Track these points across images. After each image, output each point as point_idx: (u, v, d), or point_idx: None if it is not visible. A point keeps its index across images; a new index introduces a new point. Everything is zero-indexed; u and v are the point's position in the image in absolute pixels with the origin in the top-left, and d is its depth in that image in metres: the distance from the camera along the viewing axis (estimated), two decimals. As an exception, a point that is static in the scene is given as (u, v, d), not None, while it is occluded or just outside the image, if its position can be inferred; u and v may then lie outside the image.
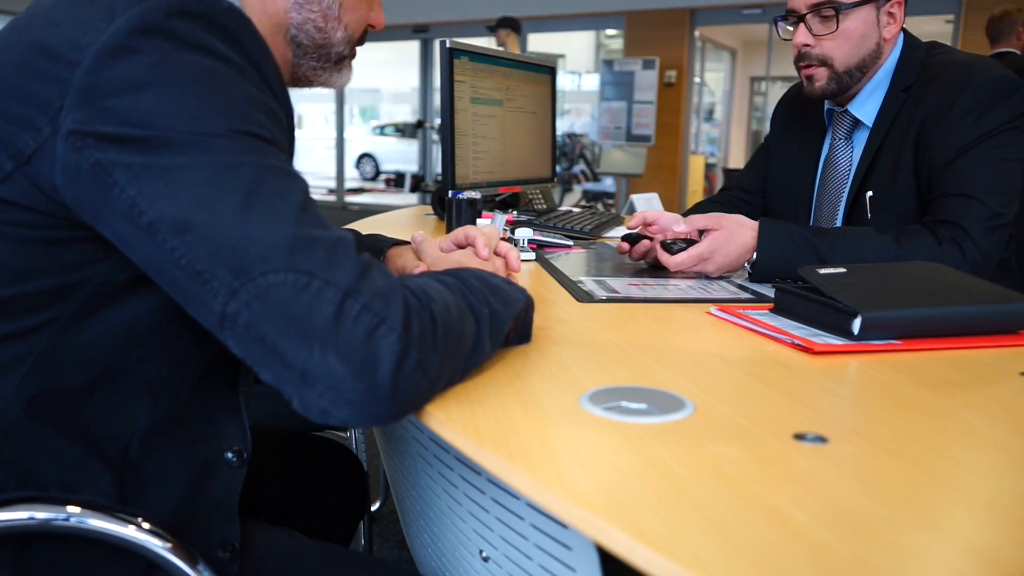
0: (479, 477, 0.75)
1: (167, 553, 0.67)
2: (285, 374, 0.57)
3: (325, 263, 0.58)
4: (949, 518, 0.47)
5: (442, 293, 0.66)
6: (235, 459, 0.76)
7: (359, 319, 0.57)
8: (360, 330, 0.57)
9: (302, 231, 0.59)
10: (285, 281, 0.56)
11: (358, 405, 0.57)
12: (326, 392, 0.57)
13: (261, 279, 0.56)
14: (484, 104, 1.77)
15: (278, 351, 0.57)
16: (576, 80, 12.61)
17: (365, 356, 0.56)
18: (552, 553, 0.66)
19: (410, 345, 0.58)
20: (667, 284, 1.19)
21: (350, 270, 0.59)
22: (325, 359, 0.56)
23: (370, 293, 0.58)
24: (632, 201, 2.35)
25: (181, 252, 0.58)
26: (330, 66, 0.87)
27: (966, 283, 0.97)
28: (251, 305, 0.57)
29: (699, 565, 0.41)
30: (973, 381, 0.75)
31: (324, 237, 0.60)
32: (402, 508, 1.12)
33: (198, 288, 0.58)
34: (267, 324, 0.56)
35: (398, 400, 0.58)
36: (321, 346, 0.56)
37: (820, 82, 1.43)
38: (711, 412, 0.64)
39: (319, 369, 0.56)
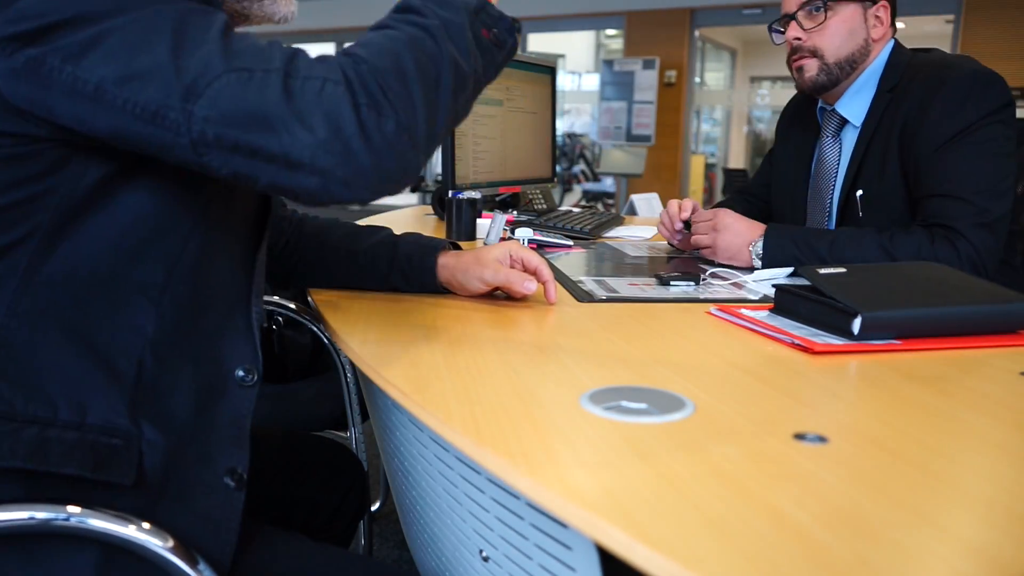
0: (479, 476, 0.75)
1: (167, 553, 0.67)
2: (274, 168, 0.62)
3: (258, 57, 0.63)
4: (949, 518, 0.47)
5: (375, 37, 0.69)
6: (247, 377, 0.78)
7: (305, 88, 0.62)
8: (309, 96, 0.62)
9: (231, 44, 0.63)
10: (229, 81, 0.61)
11: (343, 165, 0.62)
12: (312, 165, 0.62)
13: (207, 90, 0.61)
14: (484, 104, 1.76)
15: (254, 149, 0.62)
16: (576, 80, 12.60)
17: (324, 115, 0.61)
18: (552, 553, 0.66)
19: (355, 92, 0.62)
20: (667, 284, 1.19)
21: (281, 56, 0.64)
22: (293, 135, 0.61)
23: (305, 65, 0.64)
24: (632, 201, 2.35)
25: (133, 101, 0.61)
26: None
27: (966, 283, 0.97)
28: (209, 118, 0.61)
29: (699, 565, 0.41)
30: (973, 381, 0.75)
31: (252, 43, 0.65)
32: (402, 508, 1.12)
33: (161, 130, 0.62)
34: (232, 128, 0.61)
35: (374, 143, 0.63)
36: (284, 125, 0.61)
37: (810, 72, 1.47)
38: (711, 412, 0.64)
39: (295, 147, 0.61)
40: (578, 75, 12.57)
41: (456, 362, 0.76)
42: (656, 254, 1.53)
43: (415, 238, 1.09)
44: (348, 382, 1.51)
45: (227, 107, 0.61)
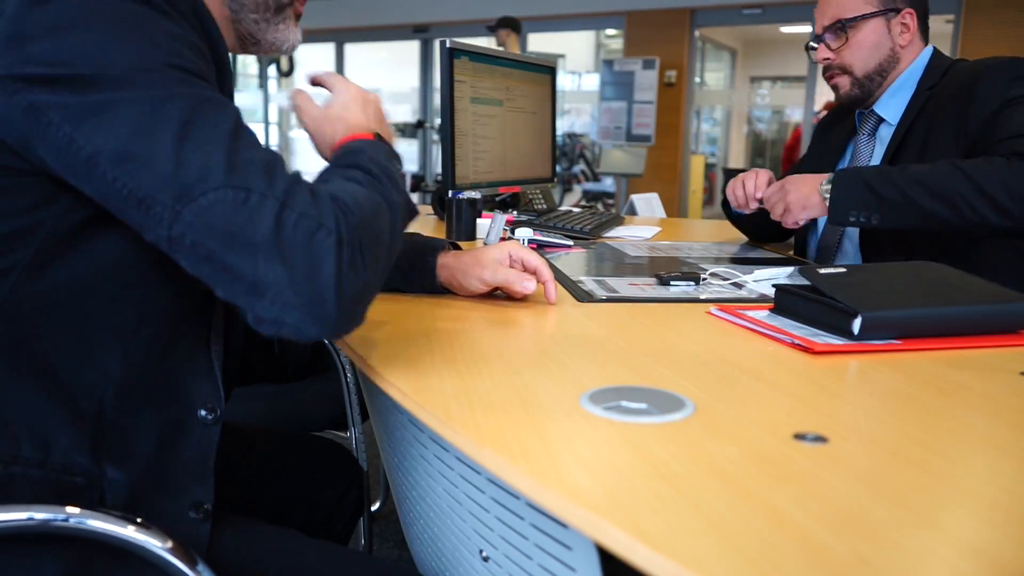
0: (479, 476, 0.75)
1: (167, 554, 0.67)
2: (236, 288, 0.61)
3: (260, 178, 0.61)
4: (949, 518, 0.47)
5: (357, 193, 0.69)
6: (208, 416, 0.77)
7: (298, 226, 0.61)
8: (300, 235, 0.60)
9: (237, 153, 0.62)
10: (224, 198, 0.60)
11: (307, 309, 0.61)
12: (276, 299, 0.60)
13: (201, 198, 0.59)
14: (484, 104, 1.76)
15: (226, 266, 0.60)
16: (576, 80, 12.60)
17: (308, 258, 0.60)
18: (552, 553, 0.66)
19: (343, 246, 0.62)
20: (667, 284, 1.19)
21: (284, 183, 0.62)
22: (270, 267, 0.60)
23: (305, 202, 0.62)
24: (632, 201, 2.35)
25: (123, 182, 0.60)
26: (271, 16, 0.85)
27: (966, 283, 0.97)
28: (194, 225, 0.60)
29: (699, 565, 0.41)
30: (973, 381, 0.75)
31: (258, 157, 0.63)
32: (402, 508, 1.12)
33: (144, 216, 0.61)
34: (211, 241, 0.60)
35: (342, 299, 0.62)
36: (265, 255, 0.60)
37: (844, 88, 1.57)
38: (711, 412, 0.64)
39: (267, 277, 0.60)
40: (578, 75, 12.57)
41: (456, 362, 0.76)
42: (656, 254, 1.53)
43: (415, 238, 1.09)
44: (348, 382, 1.51)
45: (215, 221, 0.59)
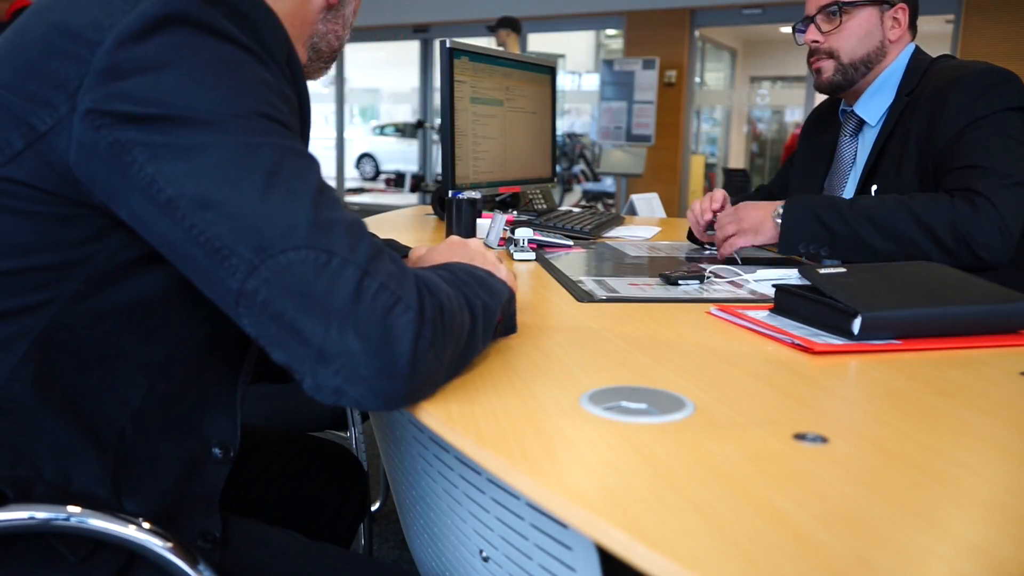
0: (479, 477, 0.75)
1: (168, 553, 0.67)
2: (301, 352, 0.58)
3: (344, 242, 0.59)
4: (949, 518, 0.47)
5: (443, 284, 0.67)
6: (221, 455, 0.77)
7: (377, 297, 0.58)
8: (379, 307, 0.58)
9: (322, 211, 0.60)
10: (306, 259, 0.57)
11: (373, 382, 0.58)
12: (342, 369, 0.57)
13: (282, 256, 0.57)
14: (484, 104, 1.76)
15: (296, 328, 0.57)
16: (576, 80, 12.60)
17: (383, 333, 0.57)
18: (552, 553, 0.66)
19: (424, 325, 0.60)
20: (666, 284, 1.19)
21: (367, 250, 0.60)
22: (343, 336, 0.57)
23: (387, 272, 0.60)
24: (632, 201, 2.35)
25: (201, 229, 0.58)
26: (325, 65, 0.90)
27: (966, 283, 0.97)
28: (270, 281, 0.57)
29: (699, 565, 0.41)
30: (973, 381, 0.75)
31: (342, 218, 0.61)
32: (402, 508, 1.12)
33: (216, 265, 0.58)
34: (286, 301, 0.57)
35: (414, 379, 0.59)
36: (340, 323, 0.57)
37: (827, 74, 1.54)
38: (711, 412, 0.64)
39: (337, 346, 0.57)
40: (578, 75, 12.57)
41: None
42: (656, 254, 1.53)
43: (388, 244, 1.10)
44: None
45: (292, 281, 0.57)
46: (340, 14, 0.87)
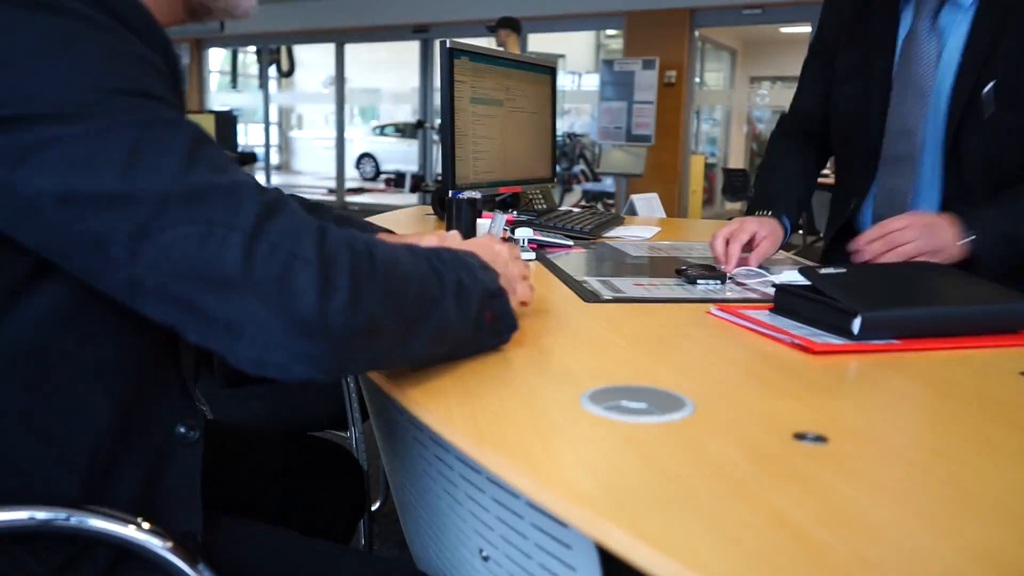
0: (479, 476, 0.75)
1: (167, 553, 0.67)
2: (210, 330, 0.56)
3: (224, 208, 0.55)
4: (949, 518, 0.47)
5: (396, 251, 0.65)
6: (189, 434, 0.72)
7: (271, 258, 0.55)
8: (273, 269, 0.55)
9: (195, 179, 0.56)
10: (186, 234, 0.54)
11: (289, 346, 0.55)
12: (256, 339, 0.55)
13: (160, 235, 0.54)
14: (484, 104, 1.76)
15: (196, 308, 0.55)
16: (576, 80, 12.61)
17: (282, 292, 0.54)
18: (552, 552, 0.66)
19: (330, 279, 0.56)
20: (672, 284, 1.19)
21: (251, 212, 0.56)
22: (245, 304, 0.54)
23: (278, 231, 0.56)
24: (632, 201, 2.35)
25: (70, 224, 0.54)
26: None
27: (966, 283, 0.97)
28: (155, 266, 0.54)
29: (699, 564, 0.41)
30: (973, 381, 0.75)
31: (220, 182, 0.57)
32: (402, 508, 1.12)
33: (98, 260, 0.55)
34: (177, 282, 0.54)
35: (331, 334, 0.56)
36: (238, 293, 0.54)
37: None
38: (711, 412, 0.64)
39: (241, 315, 0.55)
40: (578, 75, 12.57)
41: (456, 361, 0.76)
42: (657, 254, 1.53)
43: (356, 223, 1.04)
44: (348, 382, 1.51)
45: (179, 262, 0.54)
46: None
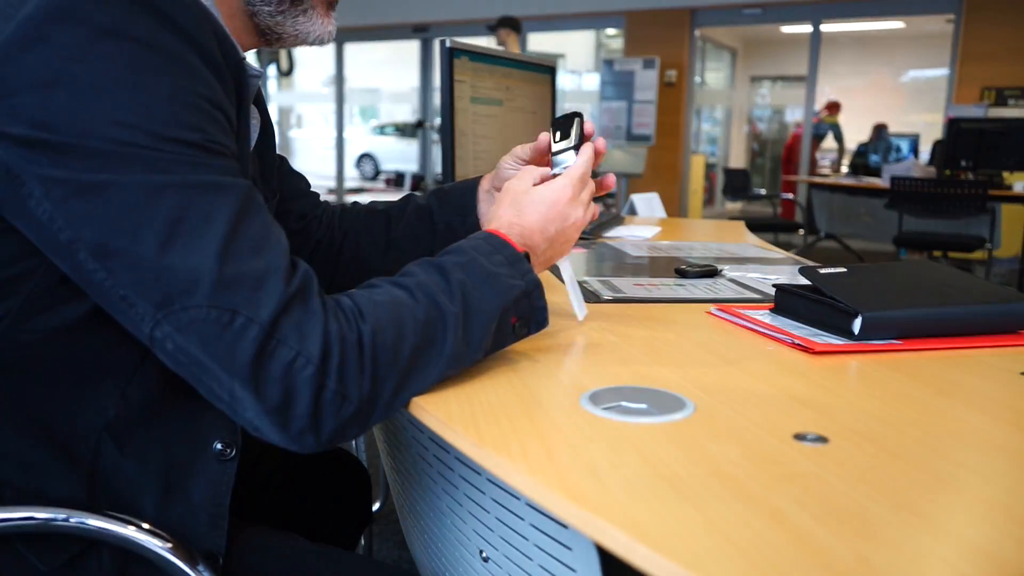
0: (479, 477, 0.75)
1: (167, 553, 0.67)
2: (217, 394, 0.59)
3: (249, 299, 0.57)
4: (949, 518, 0.47)
5: (386, 309, 0.64)
6: (226, 451, 0.72)
7: (276, 356, 0.57)
8: (277, 367, 0.57)
9: (228, 265, 0.57)
10: (208, 317, 0.56)
11: (282, 435, 0.59)
12: (253, 419, 0.59)
13: (183, 313, 0.56)
14: (484, 104, 1.76)
15: (205, 378, 0.58)
16: (576, 80, 12.60)
17: (283, 393, 0.57)
18: (552, 553, 0.66)
19: (327, 375, 0.58)
20: (672, 284, 1.19)
21: (272, 304, 0.57)
22: (246, 394, 0.57)
23: (289, 326, 0.58)
24: (632, 201, 2.34)
25: (103, 276, 0.56)
26: (288, 8, 0.76)
27: (966, 283, 0.97)
28: (174, 336, 0.57)
29: (699, 565, 0.41)
30: (973, 381, 0.75)
31: (252, 270, 0.58)
32: (402, 508, 1.12)
33: (122, 308, 0.58)
34: (192, 353, 0.57)
35: (322, 431, 0.59)
36: (241, 382, 0.57)
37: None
38: (711, 412, 0.64)
39: (243, 401, 0.58)
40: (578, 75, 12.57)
41: (456, 362, 0.76)
42: (657, 254, 1.53)
43: (445, 199, 1.04)
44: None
45: (196, 339, 0.56)
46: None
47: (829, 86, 10.40)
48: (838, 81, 11.37)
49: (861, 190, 6.32)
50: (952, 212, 4.94)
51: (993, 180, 5.22)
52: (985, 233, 5.28)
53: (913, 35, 10.71)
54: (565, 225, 0.82)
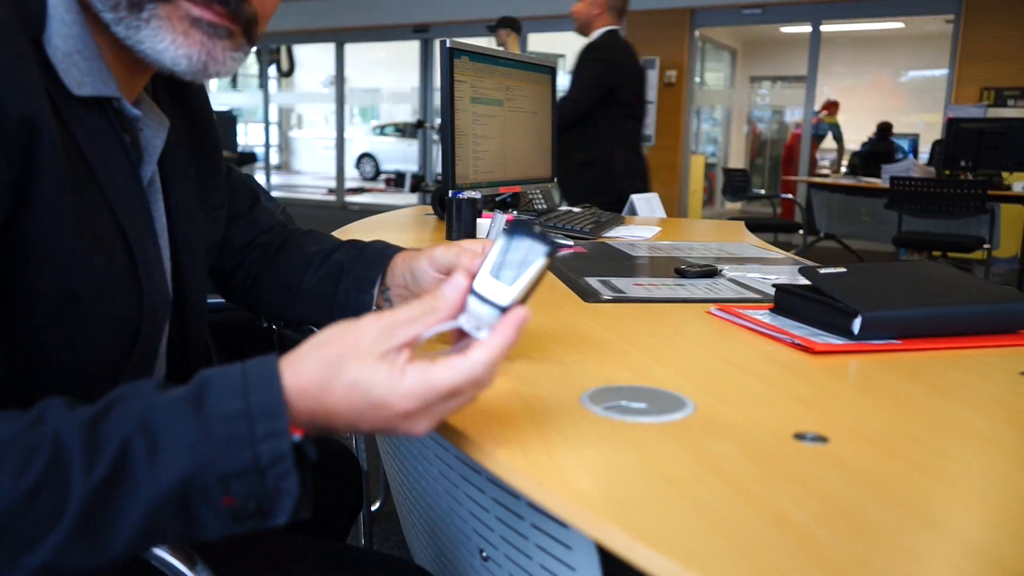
0: (479, 476, 0.75)
1: (165, 554, 0.67)
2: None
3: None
4: (949, 518, 0.47)
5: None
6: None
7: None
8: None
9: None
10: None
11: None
12: None
13: None
14: (484, 104, 1.76)
15: None
16: (576, 80, 12.60)
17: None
18: (552, 553, 0.66)
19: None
20: (672, 284, 1.19)
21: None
22: None
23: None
24: (632, 201, 2.34)
25: None
26: (125, 14, 0.63)
27: (966, 283, 0.97)
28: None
29: (699, 565, 0.41)
30: (973, 381, 0.75)
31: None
32: (402, 508, 1.12)
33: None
34: None
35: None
36: None
37: None
38: (711, 412, 0.64)
39: None
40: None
41: (456, 362, 0.76)
42: (657, 254, 1.53)
43: (353, 266, 0.92)
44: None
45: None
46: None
47: (829, 86, 10.41)
48: (838, 81, 11.38)
49: (861, 190, 6.33)
50: (951, 212, 4.94)
51: (992, 180, 5.22)
52: (984, 233, 5.29)
53: (913, 35, 10.72)
54: (386, 429, 0.55)
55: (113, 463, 0.47)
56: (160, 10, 0.63)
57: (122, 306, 0.68)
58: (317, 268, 0.94)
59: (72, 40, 0.64)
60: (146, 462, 0.48)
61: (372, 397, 0.52)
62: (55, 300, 0.62)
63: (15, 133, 0.56)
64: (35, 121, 0.58)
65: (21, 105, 0.57)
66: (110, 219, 0.67)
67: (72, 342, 0.64)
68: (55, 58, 0.63)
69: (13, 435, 0.47)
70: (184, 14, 0.64)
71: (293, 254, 0.97)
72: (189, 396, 0.50)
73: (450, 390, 0.53)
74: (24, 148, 0.57)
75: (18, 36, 0.59)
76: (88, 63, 0.65)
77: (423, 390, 0.52)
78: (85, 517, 0.46)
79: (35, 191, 0.59)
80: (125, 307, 0.68)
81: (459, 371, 0.53)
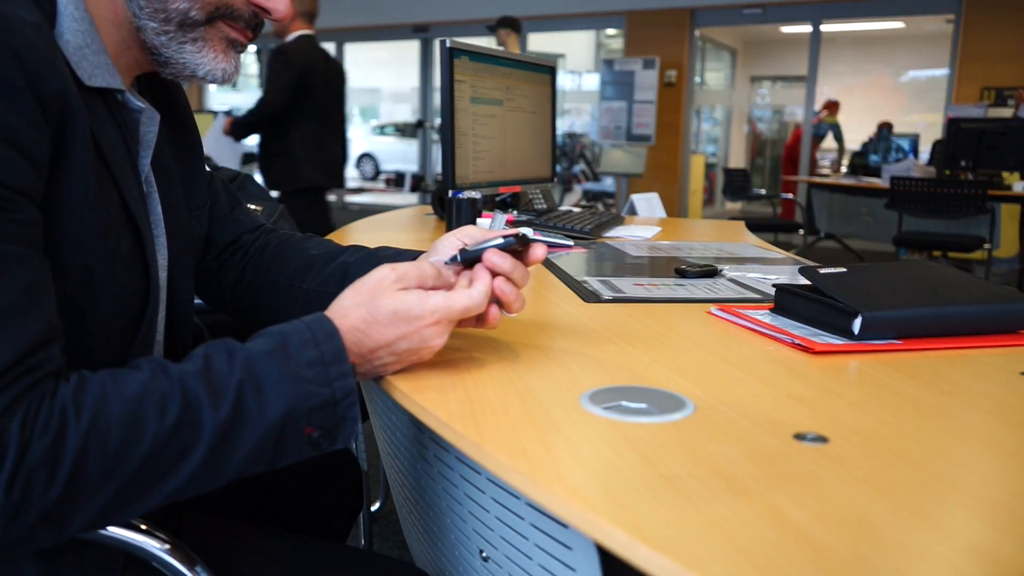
0: (479, 476, 0.75)
1: (165, 555, 0.67)
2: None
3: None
4: (950, 518, 0.47)
5: (121, 406, 0.55)
6: None
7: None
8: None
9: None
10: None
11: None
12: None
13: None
14: (484, 104, 1.76)
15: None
16: (576, 80, 12.61)
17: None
18: (552, 553, 0.66)
19: (11, 493, 0.51)
20: (672, 284, 1.19)
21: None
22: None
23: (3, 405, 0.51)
24: (632, 201, 2.34)
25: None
26: (174, 32, 0.71)
27: (966, 283, 0.97)
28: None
29: (699, 565, 0.41)
30: (973, 381, 0.75)
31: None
32: (402, 508, 1.12)
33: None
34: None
35: (13, 541, 0.53)
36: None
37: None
38: (711, 412, 0.64)
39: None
40: (578, 75, 12.58)
41: (456, 362, 0.76)
42: (657, 254, 1.53)
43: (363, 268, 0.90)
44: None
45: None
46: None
47: (829, 86, 10.41)
48: (838, 81, 11.38)
49: (861, 190, 6.33)
50: (952, 212, 4.94)
51: (992, 180, 5.23)
52: (984, 233, 5.28)
53: (913, 35, 10.72)
54: (420, 347, 0.69)
55: (233, 403, 0.58)
56: (206, 32, 0.73)
57: (129, 286, 0.71)
58: (320, 270, 0.94)
59: (81, 35, 0.68)
60: (255, 401, 0.59)
61: (411, 315, 0.67)
62: (76, 277, 0.65)
63: (53, 108, 0.60)
64: (69, 100, 0.62)
65: (59, 84, 0.61)
66: (119, 203, 0.70)
67: (83, 321, 0.66)
68: (67, 51, 0.66)
69: (144, 385, 0.56)
70: (223, 36, 0.74)
71: (294, 257, 0.97)
72: (275, 348, 0.61)
73: (463, 309, 0.69)
74: (60, 122, 0.62)
75: (50, 32, 0.64)
76: (96, 57, 0.69)
77: (447, 306, 0.68)
78: (212, 450, 0.57)
79: (63, 167, 0.63)
80: (132, 287, 0.71)
81: (469, 296, 0.70)
